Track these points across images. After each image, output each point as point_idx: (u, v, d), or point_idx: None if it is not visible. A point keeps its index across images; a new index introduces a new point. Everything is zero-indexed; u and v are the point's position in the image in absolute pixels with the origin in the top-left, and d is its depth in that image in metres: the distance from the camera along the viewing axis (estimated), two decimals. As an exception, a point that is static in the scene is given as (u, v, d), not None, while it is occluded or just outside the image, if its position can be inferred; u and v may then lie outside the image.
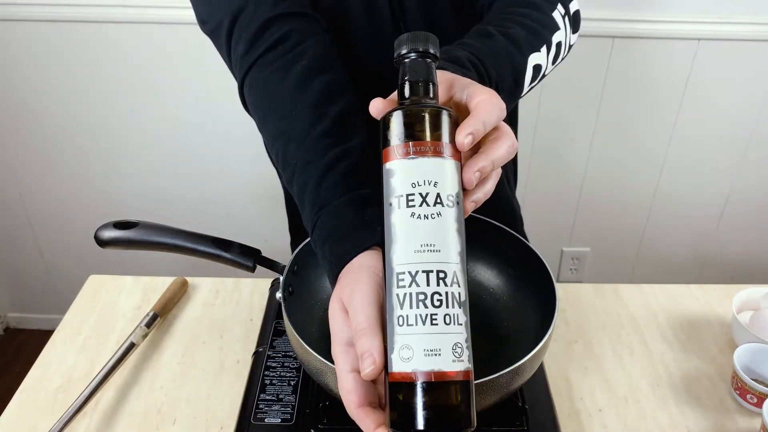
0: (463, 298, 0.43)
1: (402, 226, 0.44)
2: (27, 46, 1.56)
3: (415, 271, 0.42)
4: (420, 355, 0.41)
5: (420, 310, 0.42)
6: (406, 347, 0.42)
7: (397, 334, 0.42)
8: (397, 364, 0.42)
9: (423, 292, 0.42)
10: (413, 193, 0.43)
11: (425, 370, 0.41)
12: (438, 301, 0.42)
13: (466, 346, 0.42)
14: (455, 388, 0.41)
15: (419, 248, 0.43)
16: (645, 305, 0.94)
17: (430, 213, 0.43)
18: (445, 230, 0.43)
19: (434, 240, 0.43)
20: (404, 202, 0.44)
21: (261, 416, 0.72)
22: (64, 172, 1.75)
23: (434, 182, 0.44)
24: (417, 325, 0.41)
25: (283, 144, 0.62)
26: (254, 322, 0.89)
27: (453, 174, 0.45)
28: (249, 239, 0.76)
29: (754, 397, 0.75)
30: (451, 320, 0.42)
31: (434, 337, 0.41)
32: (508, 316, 0.80)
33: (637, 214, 1.82)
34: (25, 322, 2.07)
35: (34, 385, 0.81)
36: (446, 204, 0.44)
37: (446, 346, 0.41)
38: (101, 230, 0.72)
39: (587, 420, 0.76)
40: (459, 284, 0.43)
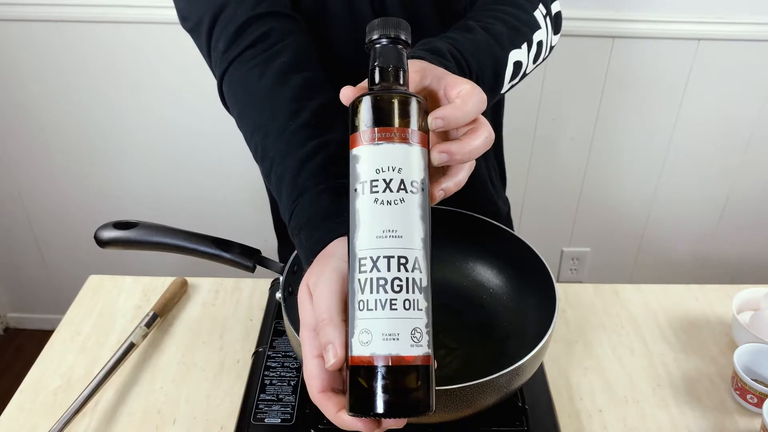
0: (424, 284, 0.43)
1: (365, 211, 0.44)
2: (26, 46, 1.56)
3: (377, 256, 0.43)
4: (378, 340, 0.41)
5: (380, 295, 0.42)
6: (366, 331, 0.42)
7: (357, 318, 0.42)
8: (357, 348, 0.42)
9: (383, 278, 0.42)
10: (377, 179, 0.44)
11: (383, 354, 0.41)
12: (398, 287, 0.42)
13: (426, 331, 0.42)
14: (413, 373, 0.42)
15: (381, 234, 0.43)
16: (645, 305, 0.94)
17: (393, 199, 0.43)
18: (409, 216, 0.43)
19: (397, 226, 0.43)
20: (368, 188, 0.44)
21: (261, 416, 0.72)
22: (63, 172, 1.75)
23: (399, 168, 0.44)
24: (376, 310, 0.42)
25: (261, 137, 0.62)
26: (254, 322, 0.89)
27: (419, 160, 0.45)
28: (249, 239, 0.76)
29: (754, 397, 0.75)
30: (410, 305, 0.42)
31: (393, 321, 0.41)
32: (508, 316, 0.80)
33: (637, 214, 1.82)
34: (24, 322, 2.07)
35: (33, 385, 0.80)
36: (410, 190, 0.44)
37: (405, 331, 0.41)
38: (101, 230, 0.72)
39: (587, 420, 0.76)
40: (421, 270, 0.43)
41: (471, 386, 0.60)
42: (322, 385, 0.45)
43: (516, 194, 1.76)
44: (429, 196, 0.46)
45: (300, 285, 0.50)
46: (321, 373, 0.45)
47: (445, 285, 0.84)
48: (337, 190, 0.56)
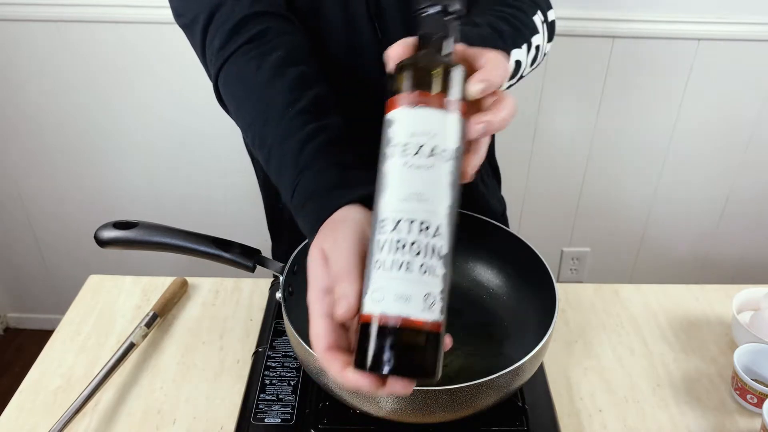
0: (444, 252, 0.43)
1: (393, 174, 0.44)
2: (26, 46, 1.56)
3: (399, 218, 0.43)
4: (391, 299, 0.41)
5: (397, 256, 0.42)
6: (379, 290, 0.42)
7: (372, 277, 0.43)
8: (369, 306, 0.42)
9: (403, 240, 0.42)
10: (409, 142, 0.43)
11: (393, 314, 0.41)
12: (416, 251, 0.42)
13: (440, 298, 0.42)
14: (421, 336, 0.42)
15: (407, 197, 0.43)
16: (645, 305, 0.94)
17: (423, 164, 0.43)
18: (437, 183, 0.43)
19: (423, 191, 0.43)
20: (399, 151, 0.44)
21: (261, 416, 0.72)
22: (63, 172, 1.75)
23: (433, 134, 0.44)
24: (392, 271, 0.42)
25: (260, 125, 0.63)
26: (254, 322, 0.89)
27: (455, 129, 0.45)
28: (249, 239, 0.76)
29: (755, 397, 0.75)
30: (427, 270, 0.42)
31: (407, 283, 0.41)
32: (508, 316, 0.80)
33: (637, 214, 1.82)
34: (24, 322, 2.07)
35: (33, 385, 0.80)
36: (442, 157, 0.43)
37: (418, 295, 0.41)
38: (101, 230, 0.72)
39: (587, 420, 0.76)
40: (442, 237, 0.43)
41: (471, 386, 0.60)
42: (328, 343, 0.45)
43: (516, 194, 1.76)
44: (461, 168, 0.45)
45: (310, 249, 0.50)
46: (328, 331, 0.45)
47: (445, 285, 0.84)
48: (341, 165, 0.56)
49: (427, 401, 0.60)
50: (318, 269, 0.48)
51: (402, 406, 0.61)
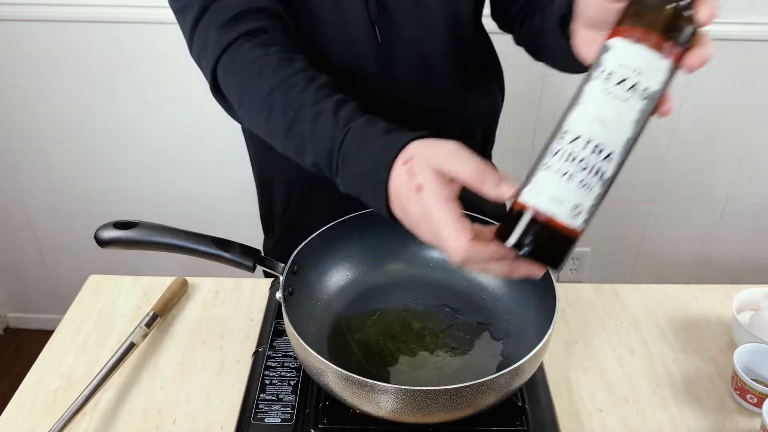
0: (607, 176, 0.48)
1: (590, 95, 0.48)
2: (27, 46, 1.56)
3: (579, 135, 0.47)
4: (546, 198, 0.48)
5: (564, 165, 0.47)
6: (539, 187, 0.48)
7: (537, 175, 0.49)
8: (525, 196, 0.49)
9: (575, 154, 0.47)
10: (615, 72, 0.47)
11: (544, 211, 0.47)
12: (583, 167, 0.47)
13: (586, 211, 0.48)
14: (559, 236, 0.48)
15: (593, 119, 0.47)
16: (645, 305, 0.94)
17: (620, 95, 0.47)
18: (625, 115, 0.47)
19: (610, 118, 0.47)
20: (604, 77, 0.47)
21: (261, 416, 0.72)
22: (64, 171, 1.75)
23: (640, 72, 0.47)
24: (556, 175, 0.47)
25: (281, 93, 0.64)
26: (254, 322, 0.89)
27: (662, 73, 0.47)
28: (249, 239, 0.76)
29: (754, 397, 0.75)
30: (585, 186, 0.47)
31: (564, 191, 0.47)
32: (508, 316, 0.80)
33: (637, 214, 1.82)
34: (24, 322, 2.07)
35: (33, 385, 0.80)
36: (640, 95, 0.47)
37: (569, 203, 0.47)
38: (101, 230, 0.72)
39: (587, 420, 0.76)
40: (611, 163, 0.48)
41: (471, 386, 0.60)
42: (471, 235, 0.50)
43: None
44: (658, 105, 0.49)
45: (418, 174, 0.53)
46: (468, 228, 0.50)
47: (445, 285, 0.84)
48: (385, 120, 0.59)
49: (426, 401, 0.60)
50: (439, 183, 0.52)
51: (402, 406, 0.61)
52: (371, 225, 0.84)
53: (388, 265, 0.86)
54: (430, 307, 0.81)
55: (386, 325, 0.79)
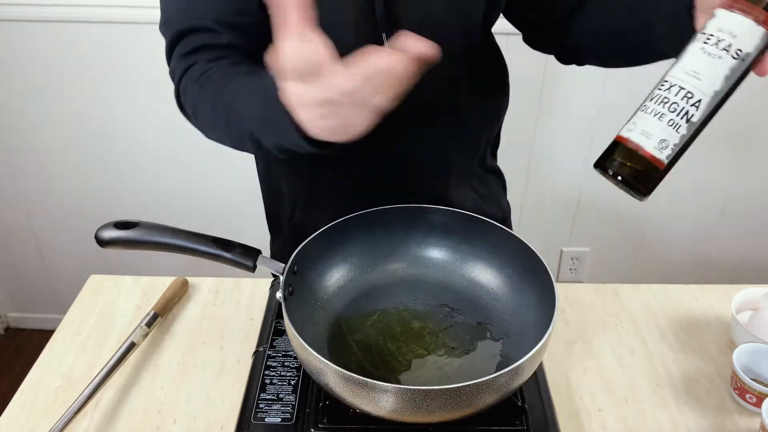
0: (695, 120, 0.56)
1: (690, 52, 0.56)
2: (26, 46, 1.56)
3: (674, 84, 0.56)
4: (637, 132, 0.57)
5: (657, 107, 0.56)
6: (633, 124, 0.57)
7: (636, 114, 0.58)
8: (623, 130, 0.58)
9: (668, 98, 0.56)
10: (713, 35, 0.55)
11: (634, 141, 0.56)
12: (673, 109, 0.56)
13: (671, 147, 0.56)
14: (645, 163, 0.56)
15: (688, 72, 0.56)
16: (645, 305, 0.94)
17: (714, 53, 0.55)
18: (716, 71, 0.55)
19: (702, 71, 0.55)
20: (703, 38, 0.56)
21: (261, 416, 0.72)
22: (64, 171, 1.75)
23: (734, 35, 0.55)
24: (649, 116, 0.56)
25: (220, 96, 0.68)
26: (254, 322, 0.89)
27: (756, 38, 0.55)
28: (249, 239, 0.76)
29: (754, 396, 0.75)
30: (673, 125, 0.56)
31: (653, 127, 0.56)
32: (507, 316, 0.80)
33: (637, 214, 1.82)
34: (25, 322, 2.07)
35: (34, 385, 0.81)
36: (732, 54, 0.55)
37: (657, 137, 0.56)
38: (102, 230, 0.72)
39: (587, 420, 0.76)
40: (698, 109, 0.56)
41: (471, 386, 0.60)
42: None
43: (516, 194, 1.76)
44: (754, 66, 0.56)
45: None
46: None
47: (444, 285, 0.84)
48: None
49: (426, 401, 0.60)
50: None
51: (401, 405, 0.61)
52: (371, 225, 0.84)
53: (388, 265, 0.86)
54: (430, 307, 0.81)
55: (386, 325, 0.79)
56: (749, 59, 0.55)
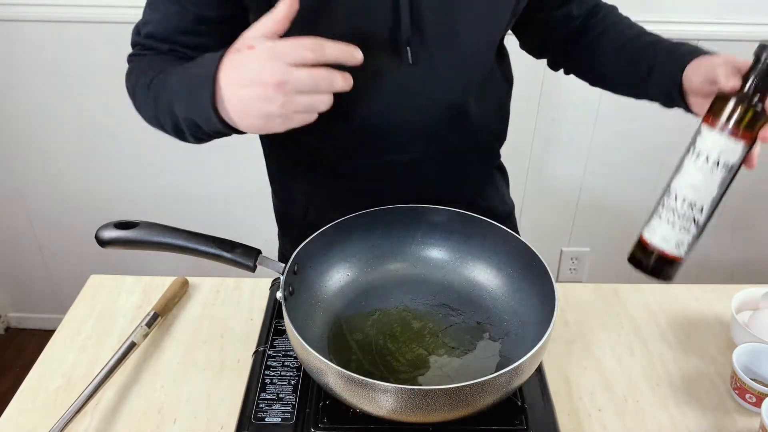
0: (701, 222, 0.66)
1: (686, 166, 0.66)
2: (27, 46, 1.56)
3: (678, 194, 0.66)
4: (657, 237, 0.68)
5: (669, 215, 0.67)
6: (653, 229, 0.69)
7: (652, 219, 0.69)
8: (646, 233, 0.69)
9: (676, 208, 0.66)
10: (702, 152, 0.64)
11: (656, 245, 0.68)
12: (681, 216, 0.66)
13: (686, 245, 0.67)
14: (667, 260, 0.68)
15: (688, 185, 0.65)
16: (644, 305, 0.94)
17: (706, 169, 0.64)
18: (711, 182, 0.65)
19: (700, 184, 0.65)
20: (695, 155, 0.65)
21: (261, 415, 0.72)
22: (64, 171, 1.75)
23: (721, 152, 0.63)
24: (664, 222, 0.67)
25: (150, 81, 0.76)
26: (254, 322, 0.89)
27: (740, 153, 0.64)
28: (249, 239, 0.76)
29: (753, 396, 0.76)
30: (684, 229, 0.67)
31: (669, 232, 0.67)
32: (507, 315, 0.80)
33: (636, 214, 1.82)
34: (25, 322, 2.07)
35: (34, 385, 0.81)
36: (722, 167, 0.64)
37: (673, 240, 0.67)
38: (102, 230, 0.73)
39: (586, 419, 0.76)
40: (702, 213, 0.66)
41: (471, 386, 0.60)
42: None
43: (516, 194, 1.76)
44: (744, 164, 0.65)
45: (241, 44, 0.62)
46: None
47: (444, 285, 0.84)
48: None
49: (426, 401, 0.60)
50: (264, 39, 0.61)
51: (401, 405, 0.61)
52: (371, 225, 0.84)
53: (388, 265, 0.86)
54: (430, 307, 0.81)
55: (386, 324, 0.79)
56: (737, 166, 0.65)
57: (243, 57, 0.61)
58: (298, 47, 0.58)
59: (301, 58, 0.58)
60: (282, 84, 0.58)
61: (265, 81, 0.59)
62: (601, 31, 0.89)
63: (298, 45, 0.58)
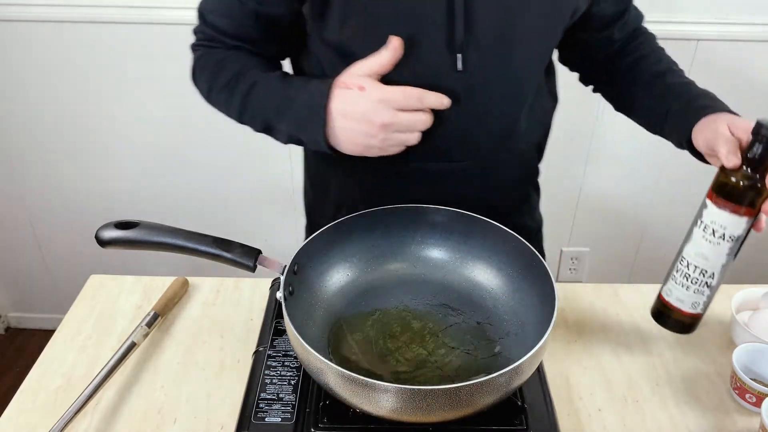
0: (712, 285, 0.73)
1: (694, 237, 0.72)
2: (27, 46, 1.56)
3: (690, 262, 0.73)
4: (674, 298, 0.75)
5: (683, 280, 0.74)
6: (670, 291, 0.76)
7: (669, 281, 0.76)
8: (665, 293, 0.76)
9: (688, 274, 0.73)
10: (709, 226, 0.70)
11: (674, 304, 0.75)
12: (694, 281, 0.73)
13: (702, 303, 0.74)
14: (686, 317, 0.75)
15: (697, 254, 0.72)
16: (644, 305, 0.94)
17: (713, 241, 0.70)
18: (719, 252, 0.70)
19: (708, 254, 0.71)
20: (702, 227, 0.71)
21: (261, 415, 0.72)
22: (64, 171, 1.75)
23: (725, 226, 0.69)
24: (678, 286, 0.74)
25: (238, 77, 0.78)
26: (254, 322, 0.89)
27: (744, 226, 0.69)
28: (249, 239, 0.76)
29: (753, 396, 0.76)
30: (698, 292, 0.73)
31: (684, 294, 0.75)
32: (507, 315, 0.80)
33: (636, 214, 1.82)
34: (26, 322, 2.07)
35: (34, 385, 0.81)
36: (727, 240, 0.70)
37: (688, 301, 0.74)
38: (102, 230, 0.73)
39: (586, 419, 0.76)
40: (713, 278, 0.72)
41: (471, 385, 0.60)
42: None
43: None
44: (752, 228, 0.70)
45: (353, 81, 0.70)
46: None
47: (444, 285, 0.84)
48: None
49: (426, 401, 0.61)
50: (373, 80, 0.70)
51: (401, 405, 0.61)
52: (371, 225, 0.84)
53: (388, 265, 0.86)
54: (430, 307, 0.81)
55: (386, 324, 0.79)
56: (743, 236, 0.70)
57: (353, 96, 0.69)
58: (407, 97, 0.68)
59: (408, 105, 0.68)
60: (387, 125, 0.68)
61: (372, 120, 0.68)
62: (637, 58, 0.90)
63: (407, 95, 0.68)
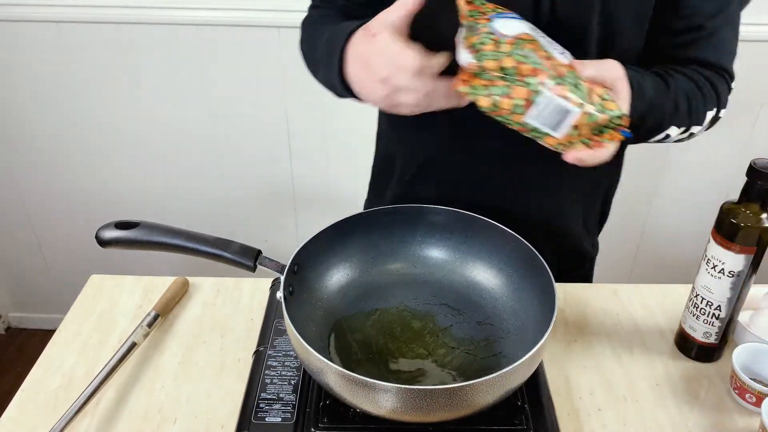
0: (721, 316, 0.79)
1: (702, 270, 0.78)
2: (27, 46, 1.56)
3: (698, 294, 0.79)
4: (688, 327, 0.82)
5: (693, 310, 0.81)
6: (685, 319, 0.83)
7: (685, 310, 0.82)
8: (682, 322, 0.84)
9: (698, 305, 0.80)
10: (711, 260, 0.76)
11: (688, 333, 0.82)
12: (704, 313, 0.79)
13: (714, 333, 0.80)
14: (703, 347, 0.82)
15: (704, 286, 0.78)
16: (644, 305, 0.94)
17: (714, 275, 0.76)
18: (722, 286, 0.76)
19: (713, 288, 0.77)
20: (706, 261, 0.77)
21: (261, 415, 0.72)
22: (65, 171, 1.75)
23: (724, 262, 0.75)
24: (691, 316, 0.81)
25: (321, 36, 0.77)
26: (255, 322, 0.89)
27: (742, 262, 0.74)
28: (249, 239, 0.76)
29: (753, 396, 0.76)
30: (706, 322, 0.80)
31: (696, 324, 0.81)
32: (507, 315, 0.80)
33: (637, 214, 1.82)
34: (26, 322, 2.07)
35: (35, 385, 0.81)
36: (728, 275, 0.75)
37: (700, 331, 0.81)
38: (102, 230, 0.73)
39: (586, 419, 0.76)
40: (720, 310, 0.78)
41: (471, 385, 0.60)
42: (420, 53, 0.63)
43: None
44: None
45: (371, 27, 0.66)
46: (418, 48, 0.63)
47: (444, 285, 0.84)
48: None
49: (426, 401, 0.61)
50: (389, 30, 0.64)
51: (402, 405, 0.61)
52: (371, 225, 0.84)
53: (388, 265, 0.86)
54: (430, 307, 0.82)
55: (386, 324, 0.79)
56: (744, 273, 0.75)
57: (366, 41, 0.66)
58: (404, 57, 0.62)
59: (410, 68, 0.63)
60: (385, 80, 0.64)
61: (374, 71, 0.65)
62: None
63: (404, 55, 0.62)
